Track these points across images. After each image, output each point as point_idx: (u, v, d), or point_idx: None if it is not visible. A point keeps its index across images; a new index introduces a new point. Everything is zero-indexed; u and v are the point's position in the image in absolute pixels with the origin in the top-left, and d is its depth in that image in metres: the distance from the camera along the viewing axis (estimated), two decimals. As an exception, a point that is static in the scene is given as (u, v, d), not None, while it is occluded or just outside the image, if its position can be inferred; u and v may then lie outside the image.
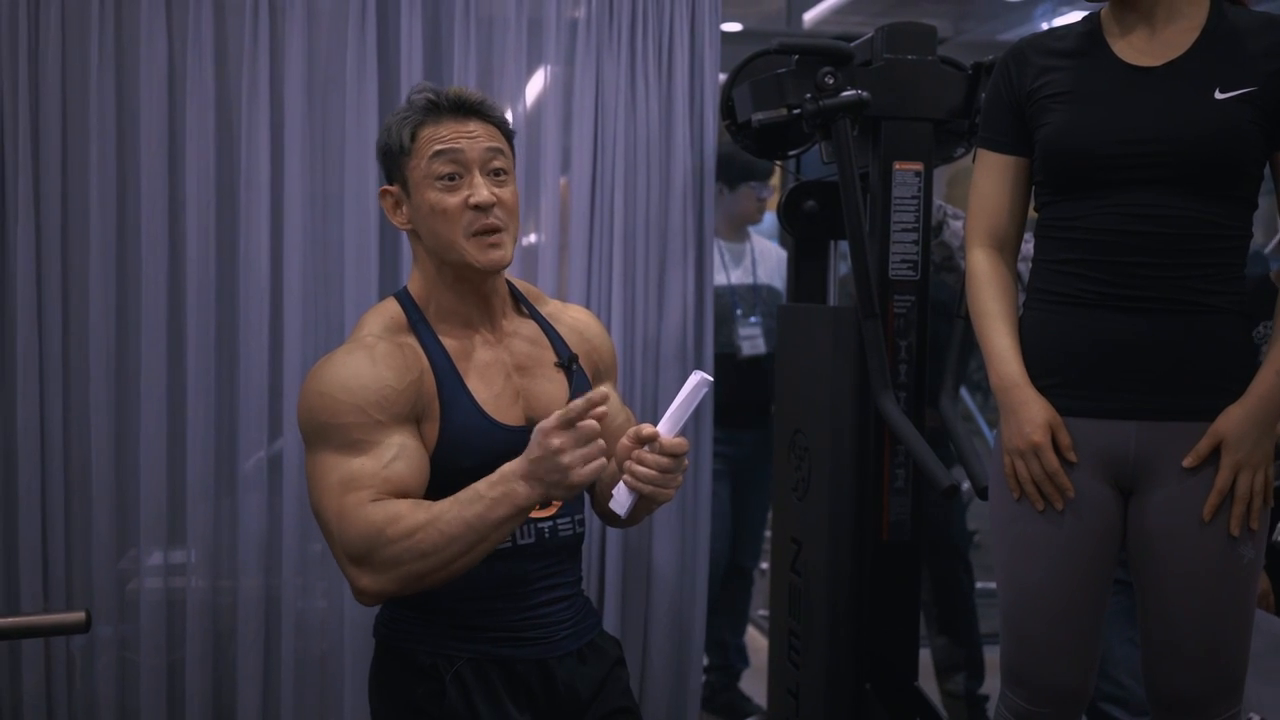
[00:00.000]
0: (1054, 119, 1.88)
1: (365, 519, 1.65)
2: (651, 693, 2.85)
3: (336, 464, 1.69)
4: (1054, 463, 1.85)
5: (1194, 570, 1.83)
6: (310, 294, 2.68)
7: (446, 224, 1.77)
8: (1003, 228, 2.00)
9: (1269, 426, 1.80)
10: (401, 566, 1.63)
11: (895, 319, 2.42)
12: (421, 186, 1.78)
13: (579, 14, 2.77)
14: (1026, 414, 1.87)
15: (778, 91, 2.36)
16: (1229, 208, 1.82)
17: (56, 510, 2.60)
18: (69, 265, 2.60)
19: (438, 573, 1.65)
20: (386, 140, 1.81)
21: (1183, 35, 1.83)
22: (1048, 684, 1.92)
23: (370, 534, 1.64)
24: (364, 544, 1.64)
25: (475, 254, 1.78)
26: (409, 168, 1.79)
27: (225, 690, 2.69)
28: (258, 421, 2.65)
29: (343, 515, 1.66)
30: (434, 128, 1.78)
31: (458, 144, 1.77)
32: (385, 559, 1.64)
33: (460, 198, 1.77)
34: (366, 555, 1.64)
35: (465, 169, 1.77)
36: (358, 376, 1.72)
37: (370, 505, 1.66)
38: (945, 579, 3.34)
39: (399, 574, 1.64)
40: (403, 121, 1.79)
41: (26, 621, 1.81)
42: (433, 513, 1.64)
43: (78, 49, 2.57)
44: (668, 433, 1.70)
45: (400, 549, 1.63)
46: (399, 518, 1.64)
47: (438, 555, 1.62)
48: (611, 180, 2.77)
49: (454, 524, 1.62)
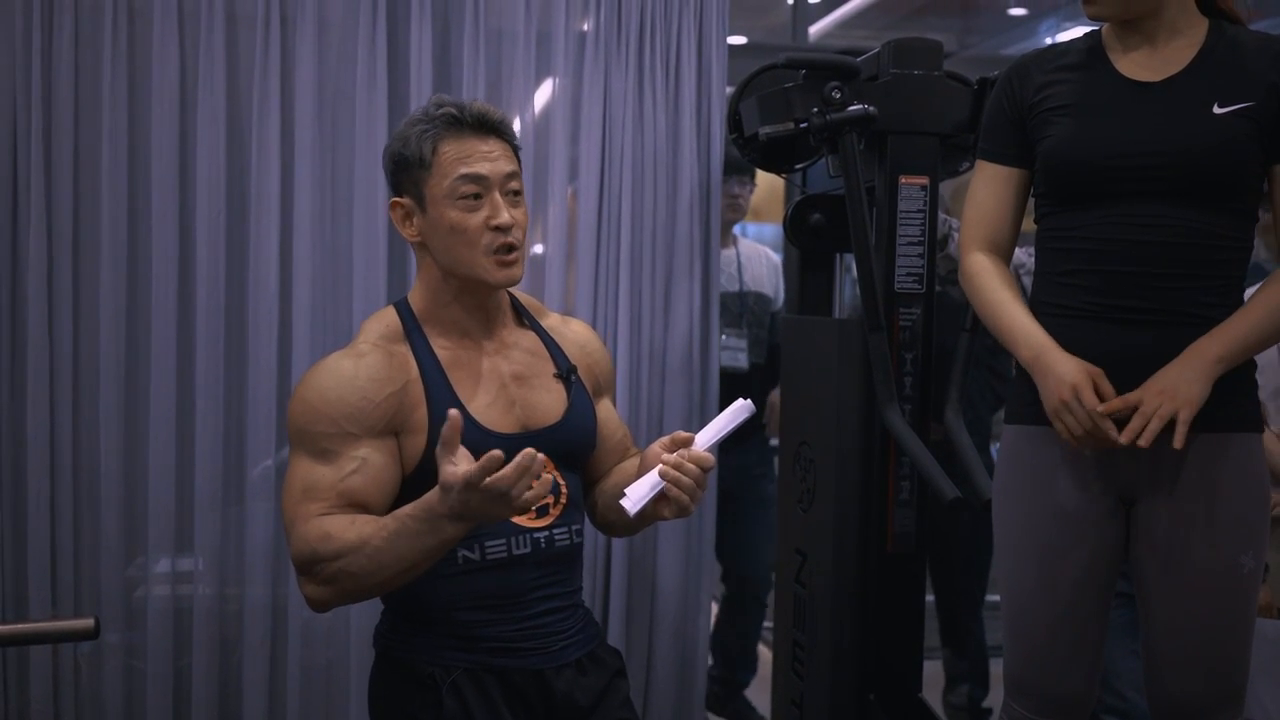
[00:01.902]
0: (1055, 131, 1.90)
1: (304, 534, 1.72)
2: (655, 703, 2.86)
3: (303, 470, 1.77)
4: (1093, 400, 1.79)
5: (1194, 580, 1.84)
6: (319, 304, 2.69)
7: (466, 243, 1.80)
8: (998, 236, 2.01)
9: (1201, 375, 1.77)
10: (335, 584, 1.71)
11: (900, 332, 2.43)
12: (441, 204, 1.80)
13: (587, 27, 2.79)
14: (1063, 368, 1.82)
15: (785, 105, 2.37)
16: (1228, 220, 1.83)
17: (65, 517, 2.61)
18: (80, 275, 2.61)
19: (374, 590, 1.73)
20: (402, 151, 1.82)
21: (1183, 52, 1.86)
22: (1050, 694, 1.92)
23: (306, 550, 1.71)
24: (301, 558, 1.73)
25: (493, 272, 1.81)
26: (427, 183, 1.81)
27: (231, 698, 2.70)
28: (265, 430, 2.66)
29: (293, 525, 1.75)
30: (456, 144, 1.80)
31: (482, 168, 1.80)
32: (321, 575, 1.71)
33: (481, 218, 1.80)
34: (305, 567, 1.73)
35: (486, 190, 1.80)
36: (337, 387, 1.78)
37: (314, 520, 1.73)
38: (951, 591, 3.34)
39: (335, 589, 1.72)
40: (423, 134, 1.80)
41: (35, 628, 1.82)
42: (363, 536, 1.68)
43: (90, 60, 2.59)
44: (700, 446, 1.75)
45: (333, 569, 1.69)
46: (329, 538, 1.69)
47: (370, 577, 1.69)
48: (618, 192, 2.78)
49: (382, 551, 1.67)
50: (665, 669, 2.85)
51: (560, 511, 1.88)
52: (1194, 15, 1.88)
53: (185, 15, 2.62)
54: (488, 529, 1.80)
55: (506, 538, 1.83)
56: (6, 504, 2.59)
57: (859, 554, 2.44)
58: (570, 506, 1.90)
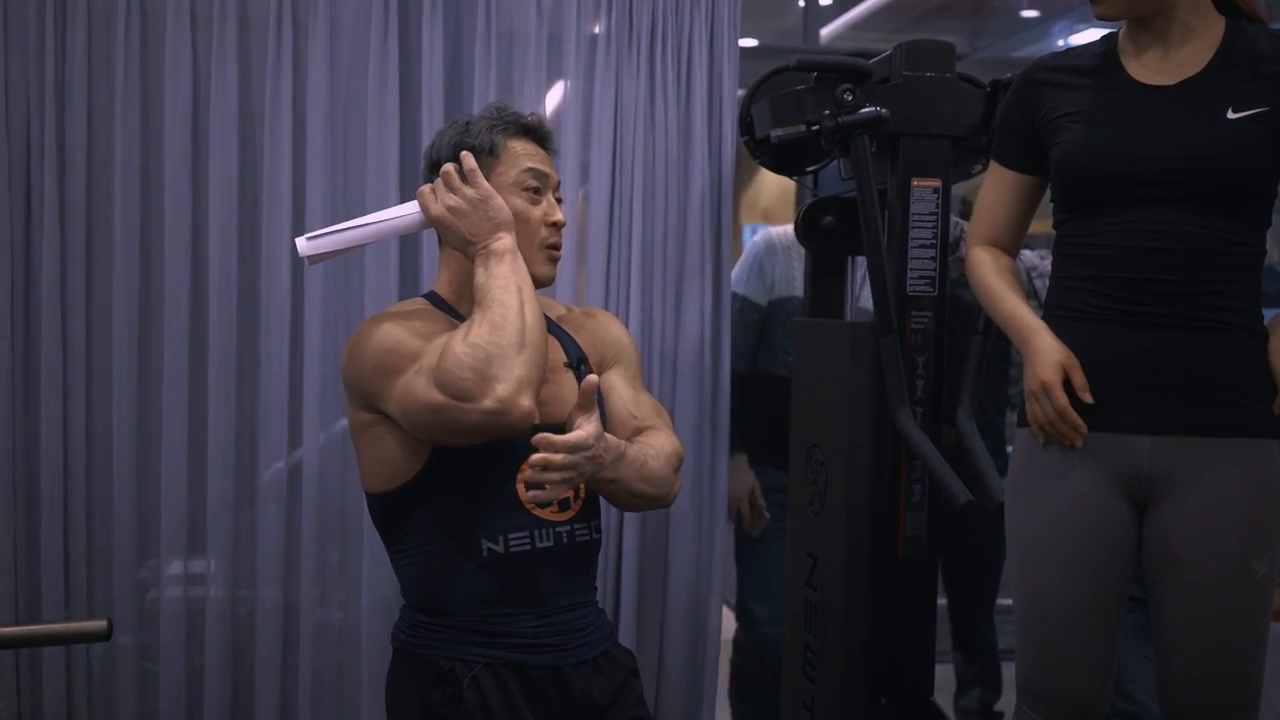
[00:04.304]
0: (1067, 137, 1.89)
1: (454, 349, 1.74)
2: (666, 704, 2.86)
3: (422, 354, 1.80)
4: (1062, 400, 1.85)
5: (1207, 585, 1.83)
6: (330, 306, 2.70)
7: (526, 233, 1.90)
8: (1003, 236, 2.06)
9: None
10: (497, 334, 1.74)
11: (913, 334, 2.42)
12: (505, 191, 1.89)
13: (598, 29, 2.79)
14: (1041, 357, 1.88)
15: (796, 108, 2.37)
16: (1241, 226, 1.82)
17: (78, 519, 2.62)
18: (92, 277, 2.62)
19: (520, 333, 1.76)
20: (467, 138, 1.91)
21: (1198, 54, 1.84)
22: (1064, 698, 1.92)
23: (467, 349, 1.73)
24: (474, 359, 1.73)
25: (542, 265, 1.94)
26: (493, 169, 1.90)
27: (243, 699, 2.71)
28: (278, 432, 2.66)
29: (443, 358, 1.74)
30: (523, 141, 1.94)
31: (546, 167, 1.94)
32: (508, 346, 1.74)
33: (540, 211, 1.92)
34: (485, 364, 1.72)
35: (545, 188, 1.94)
36: (406, 321, 1.86)
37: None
38: (962, 595, 3.33)
39: (525, 359, 1.75)
40: (491, 127, 1.92)
41: (48, 629, 1.84)
42: (489, 306, 1.78)
43: (103, 63, 2.60)
44: None
45: (506, 335, 1.74)
46: (464, 327, 1.78)
47: (511, 315, 1.75)
48: (630, 194, 2.78)
49: (494, 290, 1.78)
50: (676, 670, 2.85)
51: (580, 506, 1.91)
52: (1210, 15, 1.86)
53: (197, 18, 2.62)
54: (510, 521, 1.82)
55: (530, 530, 1.84)
56: (20, 505, 2.60)
57: (870, 557, 2.43)
58: (589, 502, 1.92)
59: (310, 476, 2.66)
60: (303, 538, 2.68)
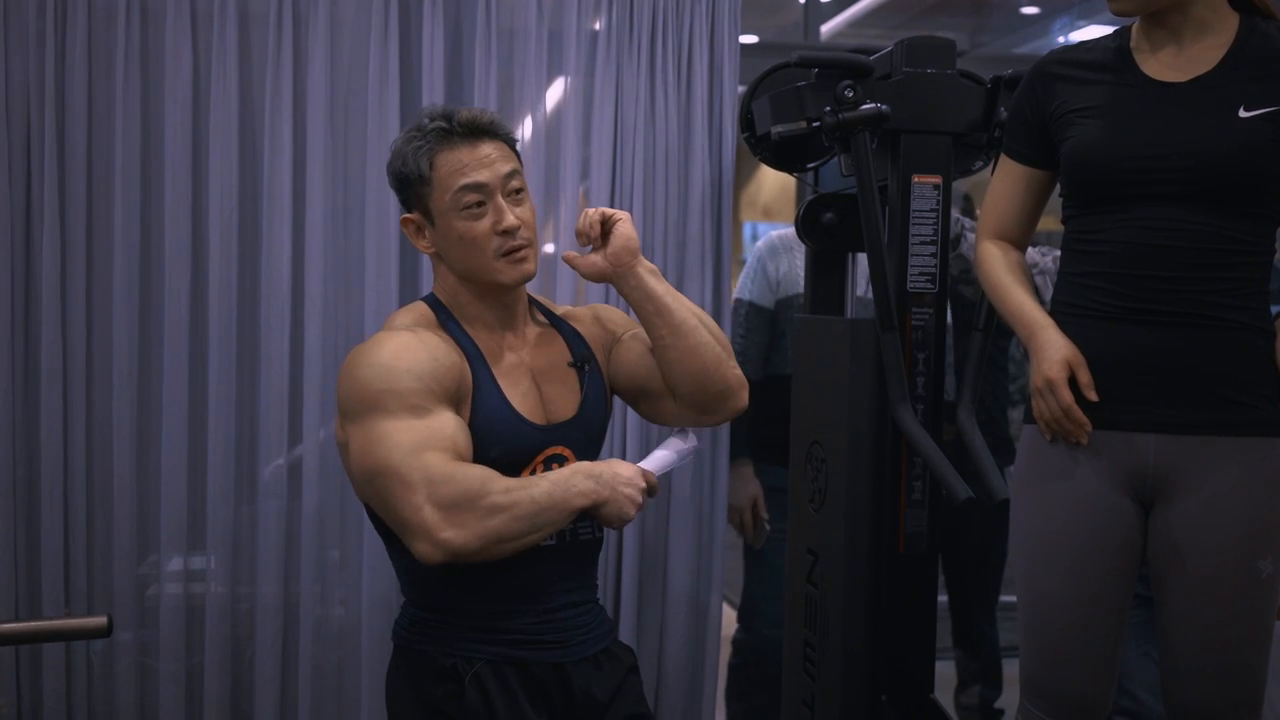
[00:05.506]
0: (1078, 133, 1.88)
1: (465, 470, 1.69)
2: (666, 701, 2.86)
3: (405, 426, 1.71)
4: (1067, 398, 1.84)
5: (1212, 583, 1.83)
6: (331, 303, 2.70)
7: (476, 250, 1.83)
8: (1011, 229, 2.05)
9: None
10: (494, 518, 1.67)
11: (913, 331, 2.42)
12: (447, 217, 1.83)
13: (599, 25, 2.79)
14: (1047, 353, 1.87)
15: (797, 104, 2.36)
16: (1251, 225, 1.81)
17: (78, 516, 2.62)
18: (93, 273, 2.62)
19: (516, 540, 1.70)
20: (402, 168, 1.85)
21: (1211, 52, 1.83)
22: (1067, 695, 1.92)
23: (474, 484, 1.67)
24: (463, 494, 1.66)
25: (506, 272, 1.84)
26: (431, 198, 1.84)
27: (243, 696, 2.71)
28: (278, 429, 2.67)
29: (430, 468, 1.67)
30: (450, 154, 1.82)
31: (480, 176, 1.82)
32: (485, 508, 1.66)
33: (487, 224, 1.82)
34: (465, 503, 1.66)
35: (488, 196, 1.83)
36: (410, 349, 1.77)
37: (458, 461, 1.70)
38: (963, 592, 3.33)
39: (487, 528, 1.67)
40: (418, 151, 1.83)
41: (48, 626, 1.84)
42: (522, 481, 1.72)
43: (103, 60, 2.60)
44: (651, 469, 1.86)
45: (501, 500, 1.67)
46: (496, 476, 1.69)
47: (528, 521, 1.69)
48: (630, 191, 2.78)
49: (542, 497, 1.69)
50: (676, 668, 2.85)
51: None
52: (1224, 11, 1.84)
53: (198, 15, 2.63)
54: None
55: None
56: (20, 502, 2.61)
57: (871, 554, 2.43)
58: None
59: (310, 473, 2.66)
60: (303, 534, 2.68)
